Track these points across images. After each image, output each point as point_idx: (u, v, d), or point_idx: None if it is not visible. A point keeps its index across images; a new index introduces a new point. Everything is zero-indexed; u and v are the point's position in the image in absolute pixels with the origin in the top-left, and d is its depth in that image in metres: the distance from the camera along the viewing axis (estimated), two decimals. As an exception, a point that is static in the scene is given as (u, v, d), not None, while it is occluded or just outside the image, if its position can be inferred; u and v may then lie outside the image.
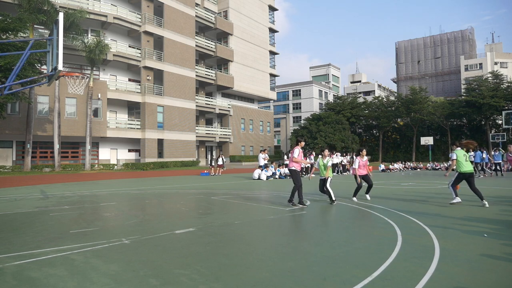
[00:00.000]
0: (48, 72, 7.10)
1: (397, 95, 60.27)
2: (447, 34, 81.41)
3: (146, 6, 35.68)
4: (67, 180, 19.68)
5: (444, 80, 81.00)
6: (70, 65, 31.83)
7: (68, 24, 26.16)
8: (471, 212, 7.93)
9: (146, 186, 11.54)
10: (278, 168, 21.00)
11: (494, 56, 71.95)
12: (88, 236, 5.79)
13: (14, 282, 3.67)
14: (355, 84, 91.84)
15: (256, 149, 50.29)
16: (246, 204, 9.54)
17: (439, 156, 50.08)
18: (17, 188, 14.92)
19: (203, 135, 42.26)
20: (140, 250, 4.93)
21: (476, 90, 49.93)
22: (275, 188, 14.37)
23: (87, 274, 3.90)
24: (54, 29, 6.88)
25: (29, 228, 6.42)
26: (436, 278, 3.70)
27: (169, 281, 3.66)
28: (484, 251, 4.70)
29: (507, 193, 11.52)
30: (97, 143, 33.89)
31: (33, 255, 4.66)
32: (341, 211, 8.32)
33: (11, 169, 26.91)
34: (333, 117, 51.82)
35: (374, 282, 3.58)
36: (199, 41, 41.81)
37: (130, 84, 35.68)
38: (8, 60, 20.51)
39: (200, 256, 4.61)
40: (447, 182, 17.08)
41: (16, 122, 27.40)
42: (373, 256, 4.49)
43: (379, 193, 12.11)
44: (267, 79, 52.84)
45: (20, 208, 8.93)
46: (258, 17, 51.77)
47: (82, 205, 9.49)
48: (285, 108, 76.54)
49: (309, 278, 3.72)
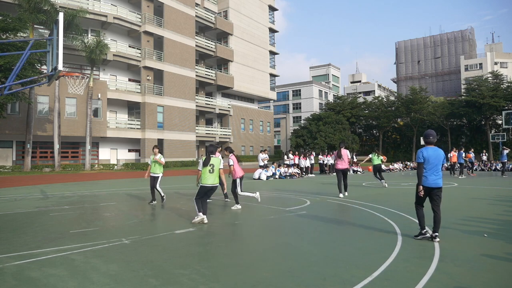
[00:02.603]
0: (48, 72, 7.10)
1: (397, 95, 60.25)
2: (447, 34, 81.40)
3: (146, 6, 35.68)
4: (67, 180, 19.67)
5: (444, 80, 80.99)
6: (70, 65, 31.82)
7: (67, 23, 26.14)
8: (471, 212, 7.93)
9: (146, 186, 11.53)
10: (278, 168, 21.00)
11: (494, 56, 71.93)
12: (88, 236, 5.79)
13: (14, 282, 3.68)
14: (355, 84, 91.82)
15: (256, 149, 50.28)
16: (246, 204, 9.54)
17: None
18: (17, 188, 14.92)
19: (203, 135, 42.26)
20: (140, 250, 4.93)
21: (476, 90, 49.90)
22: (275, 188, 14.37)
23: (87, 274, 3.90)
24: (54, 29, 6.88)
25: (29, 228, 6.42)
26: (436, 278, 3.70)
27: (169, 281, 3.66)
28: (484, 251, 4.70)
29: (507, 193, 11.52)
30: (97, 143, 33.88)
31: (33, 255, 4.66)
32: (341, 211, 8.32)
33: (11, 169, 26.90)
34: (333, 117, 51.80)
35: (374, 282, 3.58)
36: (199, 41, 41.81)
37: (130, 84, 35.67)
38: (8, 60, 20.50)
39: (200, 256, 4.61)
40: (446, 181, 17.09)
41: (16, 122, 27.40)
42: (373, 256, 4.49)
43: (379, 193, 12.11)
44: (267, 79, 52.84)
45: (20, 208, 8.93)
46: (258, 17, 51.77)
47: (82, 205, 9.49)
48: (285, 108, 76.54)
49: (309, 278, 3.73)
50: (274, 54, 55.25)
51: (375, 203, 9.41)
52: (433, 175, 5.38)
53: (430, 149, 5.47)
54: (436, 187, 5.37)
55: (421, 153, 5.46)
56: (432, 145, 5.53)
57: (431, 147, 5.51)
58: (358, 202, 9.65)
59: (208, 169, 6.81)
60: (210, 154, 6.95)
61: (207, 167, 6.81)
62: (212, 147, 7.05)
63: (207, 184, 6.80)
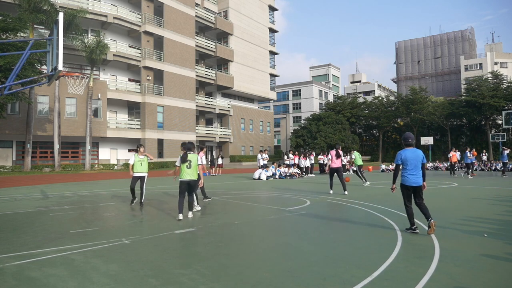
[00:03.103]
0: (48, 72, 7.10)
1: (397, 95, 60.26)
2: (447, 34, 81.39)
3: (146, 6, 35.68)
4: (67, 180, 19.67)
5: (444, 80, 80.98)
6: (70, 65, 31.82)
7: (67, 23, 26.14)
8: (471, 212, 7.93)
9: (146, 186, 11.57)
10: (278, 168, 21.00)
11: (494, 56, 71.93)
12: (88, 236, 5.79)
13: (14, 282, 3.68)
14: (355, 84, 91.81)
15: (256, 149, 50.29)
16: (246, 204, 9.54)
17: (439, 156, 49.99)
18: (17, 188, 14.92)
19: (203, 135, 42.26)
20: (140, 250, 4.93)
21: (476, 90, 49.89)
22: (275, 188, 14.37)
23: (87, 274, 3.90)
24: (54, 29, 6.88)
25: (29, 228, 6.42)
26: (436, 278, 3.70)
27: (169, 281, 3.66)
28: (484, 251, 4.70)
29: (507, 193, 11.52)
30: (97, 143, 33.87)
31: (33, 255, 4.66)
32: (341, 211, 8.32)
33: (11, 169, 26.91)
34: (333, 117, 51.80)
35: (374, 282, 3.58)
36: (199, 41, 41.82)
37: (130, 84, 35.67)
38: (8, 60, 20.50)
39: (200, 256, 4.61)
40: (446, 181, 17.10)
41: (16, 122, 27.40)
42: (373, 256, 4.49)
43: (379, 193, 12.11)
44: (267, 79, 52.85)
45: (20, 208, 8.93)
46: (258, 17, 51.77)
47: (82, 205, 9.49)
48: (285, 108, 76.54)
49: (309, 278, 3.73)
50: (274, 54, 55.25)
51: (375, 203, 9.41)
52: (413, 175, 5.74)
53: (409, 151, 5.83)
54: (417, 185, 5.74)
55: (400, 156, 5.85)
56: (411, 147, 5.88)
57: (409, 148, 5.87)
58: (358, 202, 9.65)
59: (186, 165, 7.27)
60: (187, 151, 7.38)
61: (185, 163, 7.26)
62: (190, 144, 7.50)
63: (184, 179, 7.26)
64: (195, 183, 7.32)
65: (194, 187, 7.34)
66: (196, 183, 7.31)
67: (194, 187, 7.34)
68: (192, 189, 7.40)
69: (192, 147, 7.44)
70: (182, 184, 7.28)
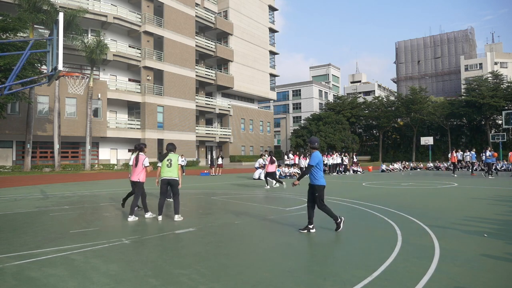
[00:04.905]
0: (48, 72, 7.10)
1: (397, 95, 60.25)
2: (447, 34, 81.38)
3: (146, 6, 35.68)
4: (67, 180, 19.67)
5: (444, 80, 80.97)
6: (70, 65, 31.81)
7: (67, 23, 26.14)
8: (471, 212, 7.93)
9: (146, 186, 11.53)
10: (278, 169, 20.97)
11: (494, 56, 71.92)
12: (88, 236, 5.79)
13: (14, 282, 3.68)
14: (355, 84, 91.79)
15: (256, 149, 50.29)
16: (246, 204, 9.54)
17: (439, 156, 50.00)
18: (17, 188, 14.92)
19: (203, 135, 42.26)
20: (140, 250, 4.94)
21: (476, 90, 49.90)
22: (275, 188, 14.37)
23: (87, 274, 3.90)
24: (54, 29, 6.88)
25: (29, 228, 6.42)
26: (436, 278, 3.70)
27: (169, 281, 3.66)
28: (484, 251, 4.70)
29: (507, 193, 11.52)
30: (97, 143, 33.88)
31: (33, 255, 4.66)
32: (341, 211, 8.32)
33: (11, 169, 26.90)
34: (333, 117, 51.78)
35: (374, 282, 3.58)
36: (199, 41, 41.81)
37: (130, 84, 35.67)
38: (8, 60, 20.49)
39: (200, 256, 4.61)
40: (446, 181, 17.11)
41: (16, 122, 27.40)
42: (373, 256, 4.49)
43: (379, 193, 12.11)
44: (267, 79, 52.84)
45: (20, 208, 8.93)
46: (258, 17, 51.77)
47: (82, 205, 9.49)
48: (285, 108, 76.52)
49: (309, 278, 3.73)
50: (274, 54, 55.24)
51: (375, 203, 9.41)
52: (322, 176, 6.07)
53: (319, 154, 6.07)
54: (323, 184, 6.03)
55: (318, 158, 6.01)
56: (316, 150, 6.11)
57: (318, 151, 6.08)
58: (358, 202, 9.65)
59: (166, 164, 7.36)
60: (169, 151, 7.51)
61: (165, 161, 7.37)
62: (171, 146, 7.63)
63: (165, 177, 7.31)
64: (176, 182, 7.35)
65: (174, 187, 7.37)
66: (177, 182, 7.37)
67: (174, 187, 7.37)
68: (174, 190, 7.38)
69: (173, 148, 7.60)
70: (162, 183, 7.36)
